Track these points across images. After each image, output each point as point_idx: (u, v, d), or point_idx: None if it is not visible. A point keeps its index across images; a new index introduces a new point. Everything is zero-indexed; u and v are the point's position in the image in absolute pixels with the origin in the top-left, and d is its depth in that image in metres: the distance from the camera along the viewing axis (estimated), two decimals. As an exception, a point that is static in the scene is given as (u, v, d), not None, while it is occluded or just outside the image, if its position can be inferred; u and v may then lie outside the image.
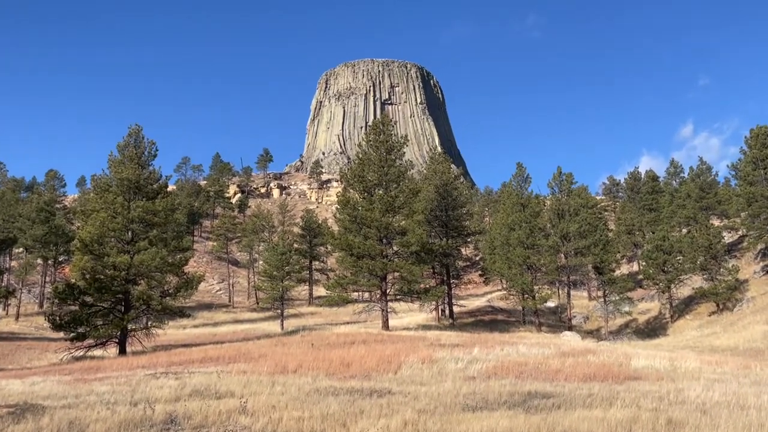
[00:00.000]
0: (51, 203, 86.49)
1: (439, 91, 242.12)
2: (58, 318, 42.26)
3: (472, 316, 68.24)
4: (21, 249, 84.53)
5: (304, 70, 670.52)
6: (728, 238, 76.82)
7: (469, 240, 78.31)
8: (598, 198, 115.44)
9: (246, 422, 14.57)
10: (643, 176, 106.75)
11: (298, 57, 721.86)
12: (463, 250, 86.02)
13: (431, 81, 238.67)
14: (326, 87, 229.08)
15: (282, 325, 64.49)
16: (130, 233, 44.05)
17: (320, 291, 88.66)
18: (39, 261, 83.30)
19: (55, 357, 43.78)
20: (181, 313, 47.00)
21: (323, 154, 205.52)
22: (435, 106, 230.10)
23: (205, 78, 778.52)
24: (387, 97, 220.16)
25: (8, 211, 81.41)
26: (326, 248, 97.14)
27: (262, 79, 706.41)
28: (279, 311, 68.07)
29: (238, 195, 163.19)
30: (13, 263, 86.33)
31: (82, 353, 41.34)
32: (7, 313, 77.11)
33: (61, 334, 43.57)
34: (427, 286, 57.53)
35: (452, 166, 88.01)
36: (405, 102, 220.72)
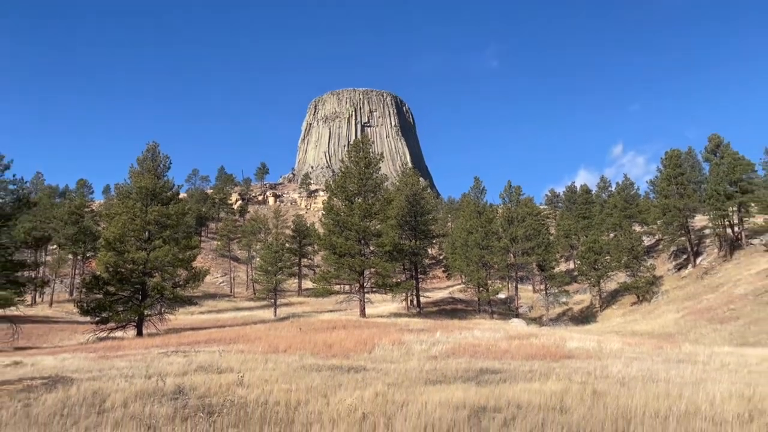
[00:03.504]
0: (81, 207, 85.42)
1: (410, 116, 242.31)
2: (85, 305, 41.92)
3: (436, 306, 68.39)
4: (55, 246, 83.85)
5: (297, 97, 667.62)
6: (647, 241, 77.93)
7: (434, 241, 78.42)
8: (541, 207, 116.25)
9: (242, 393, 14.58)
10: (578, 189, 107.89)
11: (292, 85, 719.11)
12: (429, 250, 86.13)
13: (404, 108, 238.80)
14: (315, 111, 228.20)
15: (275, 312, 64.24)
16: (147, 233, 43.77)
17: (308, 284, 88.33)
18: (70, 256, 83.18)
19: (82, 338, 43.26)
20: (190, 301, 46.68)
21: (312, 168, 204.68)
22: (406, 129, 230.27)
23: (215, 101, 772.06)
24: (366, 120, 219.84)
25: (44, 214, 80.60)
26: (313, 248, 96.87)
27: (261, 103, 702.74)
28: (272, 301, 67.79)
29: (239, 202, 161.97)
30: (48, 258, 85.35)
31: (105, 335, 40.93)
32: (42, 300, 76.36)
33: (88, 318, 43.19)
34: (399, 280, 57.73)
35: (420, 179, 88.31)
36: (381, 125, 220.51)
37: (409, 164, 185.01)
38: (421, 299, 65.32)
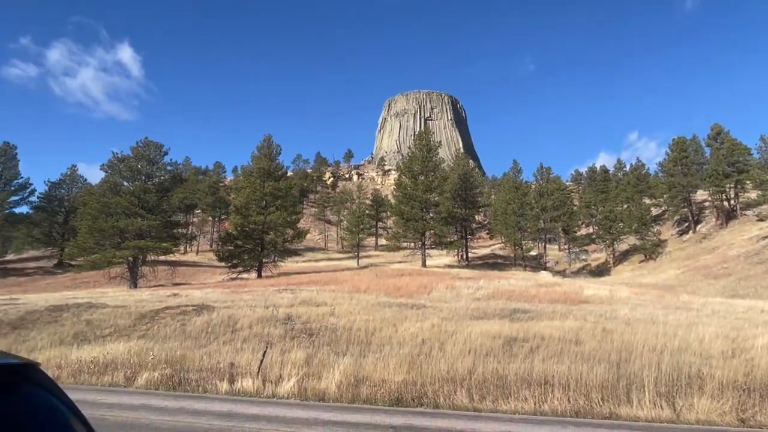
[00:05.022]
0: (217, 183, 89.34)
1: (463, 111, 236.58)
2: (221, 254, 44.03)
3: (480, 260, 67.92)
4: (199, 210, 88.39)
5: (375, 96, 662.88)
6: (654, 211, 73.93)
7: (480, 210, 77.33)
8: (567, 183, 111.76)
9: (333, 321, 15.16)
10: (598, 169, 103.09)
11: (373, 86, 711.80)
12: (476, 216, 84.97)
13: (457, 105, 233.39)
14: (389, 108, 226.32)
15: (357, 262, 65.43)
16: (264, 202, 45.29)
17: (382, 241, 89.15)
18: (209, 218, 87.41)
19: (219, 277, 45.68)
20: (295, 253, 48.27)
21: (386, 153, 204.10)
22: (460, 122, 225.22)
23: (318, 100, 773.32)
24: (428, 115, 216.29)
25: (192, 188, 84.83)
26: (387, 214, 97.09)
27: (349, 101, 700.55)
28: (356, 253, 69.10)
29: (331, 179, 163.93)
30: (195, 219, 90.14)
31: (235, 276, 43.01)
32: (191, 250, 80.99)
33: (223, 264, 45.41)
34: (452, 239, 57.50)
35: (470, 161, 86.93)
36: (440, 119, 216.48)
37: (461, 150, 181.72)
38: (469, 254, 65.11)
